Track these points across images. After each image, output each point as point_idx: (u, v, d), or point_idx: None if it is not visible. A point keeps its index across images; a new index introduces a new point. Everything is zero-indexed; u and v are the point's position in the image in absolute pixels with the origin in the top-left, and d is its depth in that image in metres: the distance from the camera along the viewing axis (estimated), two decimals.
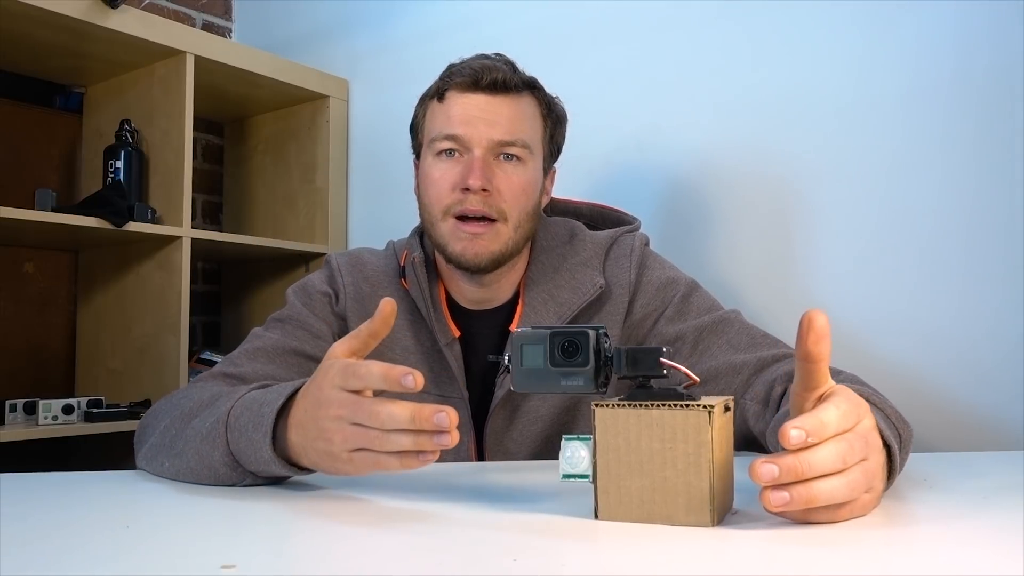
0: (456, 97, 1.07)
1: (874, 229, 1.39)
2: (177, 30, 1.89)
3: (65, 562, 0.55)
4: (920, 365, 1.33)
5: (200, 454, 0.81)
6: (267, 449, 0.75)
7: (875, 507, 0.65)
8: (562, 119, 1.16)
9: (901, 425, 0.74)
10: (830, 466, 0.58)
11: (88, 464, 1.93)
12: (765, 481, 0.57)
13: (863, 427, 0.62)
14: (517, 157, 1.07)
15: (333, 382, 0.71)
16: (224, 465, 0.80)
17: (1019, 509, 0.67)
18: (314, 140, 2.19)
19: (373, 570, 0.52)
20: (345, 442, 0.70)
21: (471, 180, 1.03)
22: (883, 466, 0.63)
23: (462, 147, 1.06)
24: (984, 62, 1.30)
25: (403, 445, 0.67)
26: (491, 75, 1.06)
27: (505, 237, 1.06)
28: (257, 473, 0.79)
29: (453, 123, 1.06)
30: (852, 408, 0.61)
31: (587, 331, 0.65)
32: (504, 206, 1.06)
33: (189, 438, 0.84)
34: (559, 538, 0.59)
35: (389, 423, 0.67)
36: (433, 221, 1.08)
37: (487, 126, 1.05)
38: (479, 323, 1.12)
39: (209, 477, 0.82)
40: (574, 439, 0.64)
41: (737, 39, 1.54)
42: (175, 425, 0.88)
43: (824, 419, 0.59)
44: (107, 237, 1.87)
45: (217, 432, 0.80)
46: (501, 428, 1.09)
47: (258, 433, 0.76)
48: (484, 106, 1.06)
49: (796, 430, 0.57)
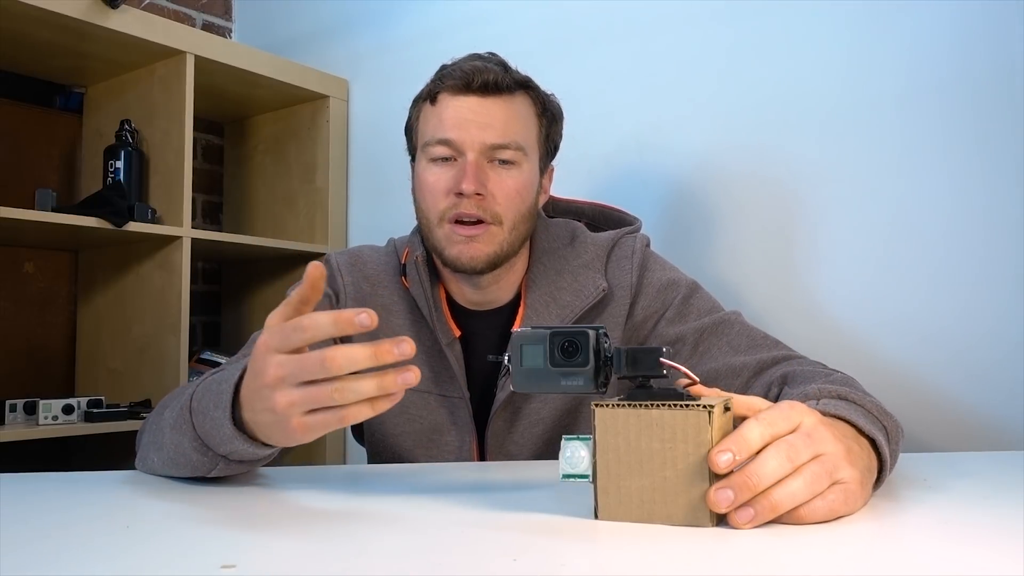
0: (448, 100, 1.06)
1: (874, 230, 1.39)
2: (177, 30, 1.89)
3: (65, 562, 0.55)
4: (920, 365, 1.33)
5: (174, 443, 0.80)
6: (228, 425, 0.72)
7: (864, 498, 0.65)
8: (558, 117, 1.15)
9: (885, 418, 0.74)
10: (779, 470, 0.60)
11: (88, 464, 1.93)
12: (724, 508, 0.59)
13: (806, 426, 0.63)
14: (511, 161, 1.06)
15: (268, 346, 0.67)
16: (194, 451, 0.78)
17: (1019, 509, 0.67)
18: (314, 140, 2.19)
19: (373, 570, 0.52)
20: (292, 406, 0.65)
21: (464, 185, 1.03)
22: (845, 456, 0.63)
23: (455, 151, 1.05)
24: (983, 63, 1.30)
25: (367, 392, 0.63)
26: (482, 76, 1.05)
27: (500, 239, 1.06)
28: (228, 456, 0.77)
29: (445, 127, 1.05)
30: (782, 414, 0.63)
31: (587, 331, 0.65)
32: (498, 209, 1.05)
33: (164, 429, 0.83)
34: (559, 538, 0.59)
35: (349, 366, 0.62)
36: (430, 227, 1.08)
37: (479, 129, 1.04)
38: (480, 323, 1.12)
39: (185, 466, 0.80)
40: (574, 439, 0.64)
41: (738, 39, 1.54)
42: (158, 422, 0.88)
43: (746, 435, 0.60)
44: (107, 237, 1.87)
45: (183, 418, 0.79)
46: (502, 430, 1.09)
47: (218, 411, 0.74)
48: (476, 108, 1.05)
49: (722, 454, 0.59)
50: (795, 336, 1.17)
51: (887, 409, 0.76)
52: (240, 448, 0.74)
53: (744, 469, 0.59)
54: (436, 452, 1.10)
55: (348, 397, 0.63)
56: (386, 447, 1.13)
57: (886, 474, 0.70)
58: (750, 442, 0.60)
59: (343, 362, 0.62)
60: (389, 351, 0.62)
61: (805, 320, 1.43)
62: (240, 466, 0.79)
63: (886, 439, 0.71)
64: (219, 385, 0.76)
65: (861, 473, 0.64)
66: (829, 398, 0.74)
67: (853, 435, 0.68)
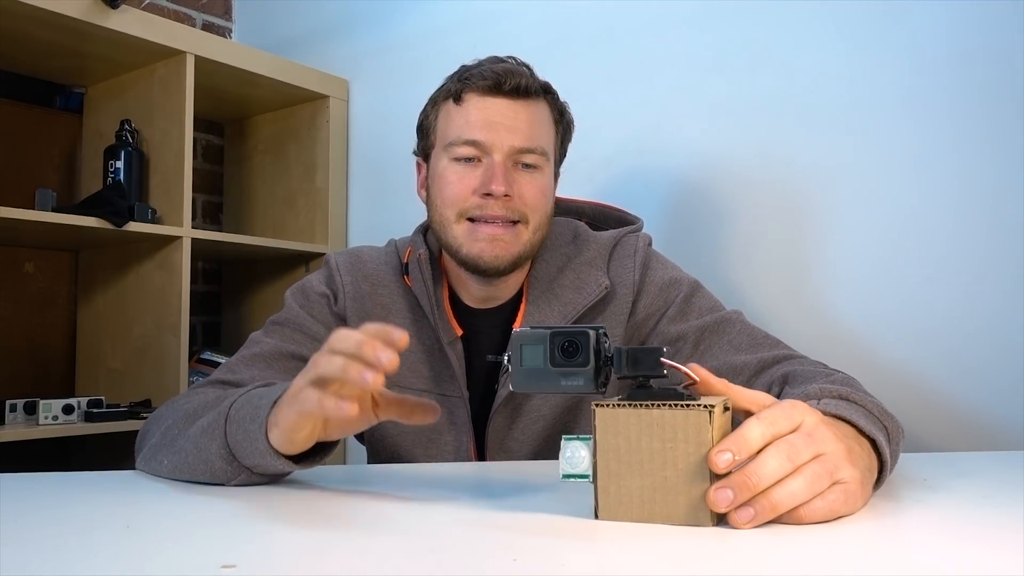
0: (476, 100, 1.06)
1: (875, 230, 1.39)
2: (177, 30, 1.89)
3: (65, 562, 0.55)
4: (919, 364, 1.33)
5: (199, 447, 0.82)
6: (262, 440, 0.75)
7: (864, 498, 0.65)
8: (571, 126, 1.16)
9: (885, 418, 0.74)
10: (779, 470, 0.59)
11: (88, 464, 1.93)
12: (723, 508, 0.59)
13: (807, 425, 0.63)
14: (534, 165, 1.07)
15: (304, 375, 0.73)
16: (220, 458, 0.79)
17: (1018, 509, 0.67)
18: (314, 140, 2.19)
19: (373, 570, 0.52)
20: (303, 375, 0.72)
21: (494, 186, 1.03)
22: (846, 456, 0.63)
23: (482, 152, 1.05)
24: (984, 64, 1.30)
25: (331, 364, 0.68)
26: (514, 80, 1.05)
27: (525, 240, 1.06)
28: (252, 469, 0.79)
29: (473, 127, 1.05)
30: (783, 413, 0.63)
31: (587, 331, 0.65)
32: (526, 209, 1.06)
33: (191, 435, 0.84)
34: (559, 538, 0.59)
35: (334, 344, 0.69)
36: (445, 224, 1.07)
37: (508, 132, 1.04)
38: (482, 322, 1.12)
39: (204, 472, 0.82)
40: (574, 439, 0.64)
41: (739, 40, 1.54)
42: (177, 425, 0.88)
43: (746, 435, 0.60)
44: (107, 237, 1.87)
45: (217, 424, 0.81)
46: (503, 428, 1.09)
47: (254, 424, 0.76)
48: (505, 111, 1.05)
49: (721, 454, 0.59)
50: (797, 336, 1.17)
51: (888, 410, 0.76)
52: (267, 462, 0.77)
53: (744, 469, 0.59)
54: (435, 452, 1.10)
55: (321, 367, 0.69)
56: (385, 447, 1.13)
57: (886, 474, 0.70)
58: (750, 442, 0.60)
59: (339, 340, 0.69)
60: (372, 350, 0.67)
61: (806, 320, 1.43)
62: (261, 478, 0.81)
63: (887, 439, 0.71)
64: (259, 400, 0.79)
65: (862, 473, 0.64)
66: (830, 398, 0.74)
67: (854, 435, 0.68)
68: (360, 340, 0.67)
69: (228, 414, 0.80)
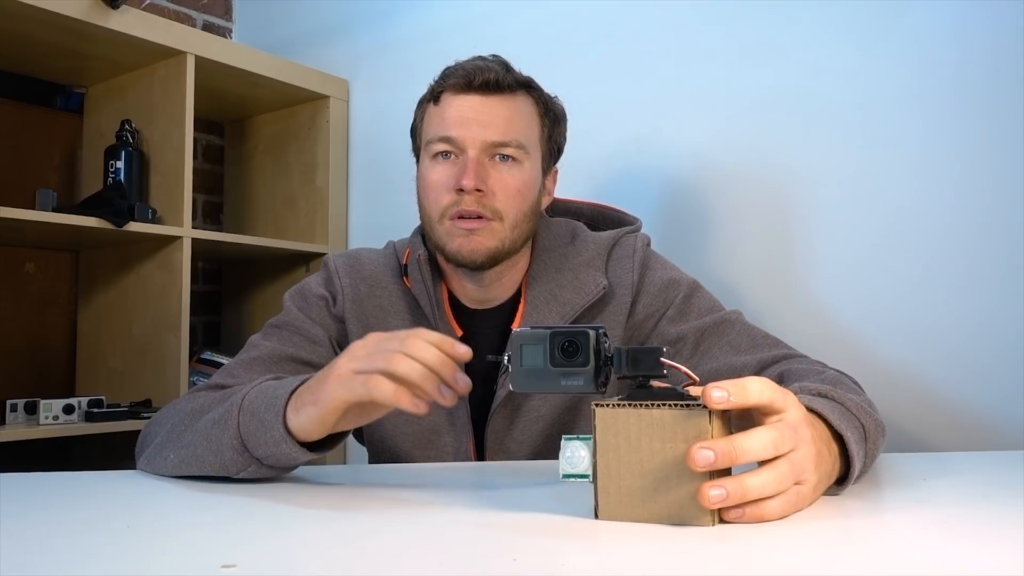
0: (450, 99, 1.08)
1: (872, 229, 1.39)
2: (177, 30, 1.89)
3: (65, 562, 0.55)
4: (919, 365, 1.33)
5: (208, 438, 0.83)
6: (278, 428, 0.77)
7: (813, 500, 0.66)
8: (561, 118, 1.16)
9: (863, 416, 0.74)
10: (761, 451, 0.61)
11: (88, 464, 1.93)
12: (702, 466, 0.59)
13: (791, 417, 0.63)
14: (512, 158, 1.07)
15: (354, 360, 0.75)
16: (231, 448, 0.80)
17: (1018, 508, 0.67)
18: (314, 140, 2.19)
19: (373, 570, 0.52)
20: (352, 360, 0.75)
21: (464, 181, 1.04)
22: (814, 459, 0.64)
23: (456, 148, 1.06)
24: (981, 64, 1.30)
25: (412, 372, 0.71)
26: (483, 75, 1.06)
27: (501, 235, 1.06)
28: (262, 460, 0.80)
29: (447, 125, 1.06)
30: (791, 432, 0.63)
31: (587, 331, 0.65)
32: (499, 205, 1.06)
33: (199, 429, 0.85)
34: (559, 538, 0.59)
35: (420, 353, 0.72)
36: (432, 224, 1.08)
37: (480, 127, 1.05)
38: (481, 322, 1.12)
39: (213, 463, 0.82)
40: (574, 439, 0.64)
41: (738, 40, 1.54)
42: (183, 422, 0.89)
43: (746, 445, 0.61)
44: (107, 237, 1.87)
45: (230, 415, 0.82)
46: (502, 428, 1.09)
47: (270, 413, 0.78)
48: (478, 107, 1.06)
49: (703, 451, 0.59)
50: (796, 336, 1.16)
51: (870, 409, 0.77)
52: (280, 451, 0.78)
53: (731, 438, 0.60)
54: (434, 453, 1.10)
55: (399, 365, 0.71)
56: (385, 448, 1.13)
57: (854, 473, 0.70)
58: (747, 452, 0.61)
59: (420, 346, 0.72)
60: (450, 364, 0.72)
61: (803, 320, 1.43)
62: (269, 471, 0.82)
63: (861, 437, 0.71)
64: (275, 390, 0.81)
65: (819, 479, 0.65)
66: (808, 395, 0.74)
67: (827, 438, 0.69)
68: (441, 358, 0.72)
69: (241, 405, 0.82)
